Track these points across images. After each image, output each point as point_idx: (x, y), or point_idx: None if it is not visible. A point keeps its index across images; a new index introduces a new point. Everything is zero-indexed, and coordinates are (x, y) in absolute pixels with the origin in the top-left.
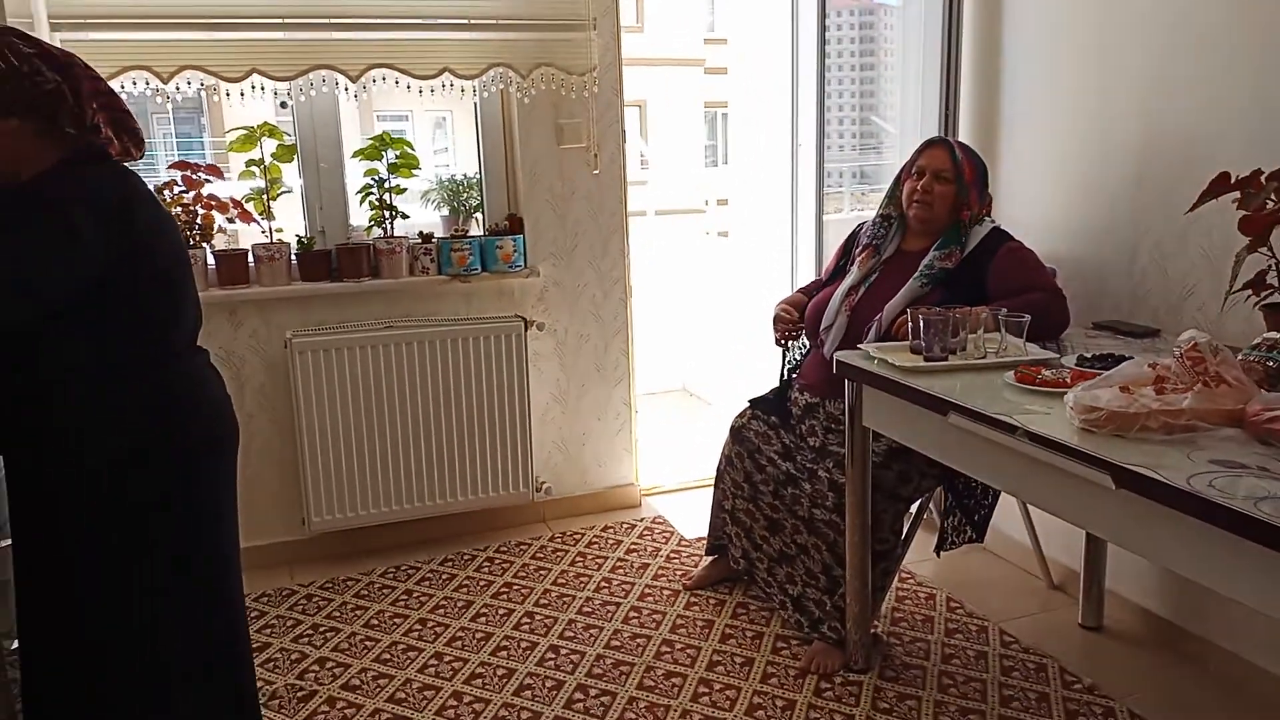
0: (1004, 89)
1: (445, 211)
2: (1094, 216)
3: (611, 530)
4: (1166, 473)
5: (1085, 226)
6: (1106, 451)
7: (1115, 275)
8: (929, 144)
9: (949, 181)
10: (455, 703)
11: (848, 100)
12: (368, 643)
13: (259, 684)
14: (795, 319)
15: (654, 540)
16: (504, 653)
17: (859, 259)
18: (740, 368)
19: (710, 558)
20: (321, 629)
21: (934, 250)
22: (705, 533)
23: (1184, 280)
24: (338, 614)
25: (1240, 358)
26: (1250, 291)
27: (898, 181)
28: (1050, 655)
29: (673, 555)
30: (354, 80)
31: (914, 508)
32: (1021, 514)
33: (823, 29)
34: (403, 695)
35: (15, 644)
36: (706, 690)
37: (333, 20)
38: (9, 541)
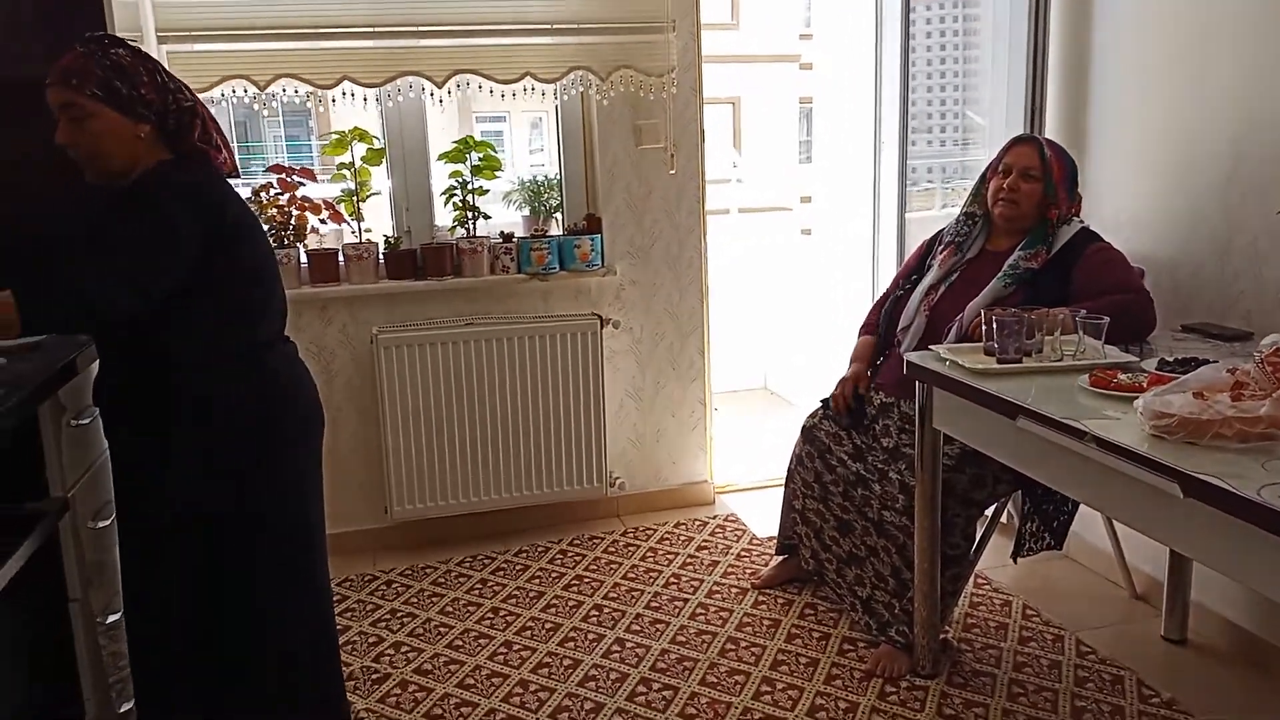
0: (1092, 84)
1: (526, 212)
2: (1185, 215)
3: (684, 527)
4: (1236, 482)
5: (1176, 225)
6: (1177, 459)
7: (1207, 276)
8: (1016, 141)
9: (1036, 180)
10: (521, 690)
11: (949, 94)
12: (441, 629)
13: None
14: (850, 396)
15: (725, 538)
16: (571, 643)
17: (940, 257)
18: (821, 367)
19: (780, 557)
20: (399, 614)
21: (1019, 250)
22: (776, 532)
23: None
24: (415, 600)
25: None
26: None
27: (983, 179)
28: (1128, 667)
29: (743, 553)
30: (439, 85)
31: (988, 513)
32: (1104, 521)
33: (907, 23)
34: (471, 681)
35: (110, 619)
36: (769, 689)
37: (419, 28)
38: (107, 522)
